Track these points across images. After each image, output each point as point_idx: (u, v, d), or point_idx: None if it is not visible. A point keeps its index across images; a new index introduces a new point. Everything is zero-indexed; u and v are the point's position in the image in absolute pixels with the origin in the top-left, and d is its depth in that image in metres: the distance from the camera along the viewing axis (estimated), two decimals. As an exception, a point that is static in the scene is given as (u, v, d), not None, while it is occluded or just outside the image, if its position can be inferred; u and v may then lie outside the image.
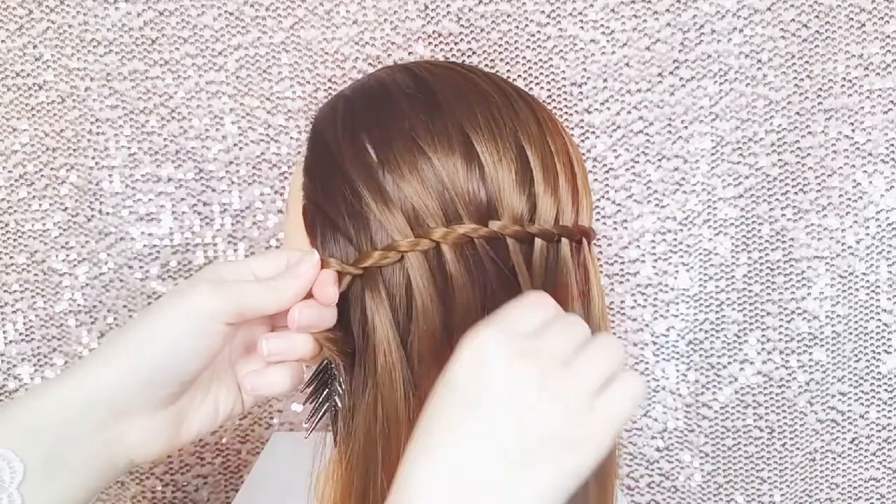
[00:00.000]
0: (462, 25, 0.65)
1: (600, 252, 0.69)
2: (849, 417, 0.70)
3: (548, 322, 0.35)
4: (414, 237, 0.41)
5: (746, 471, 0.70)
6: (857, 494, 0.71)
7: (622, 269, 0.69)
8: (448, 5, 0.64)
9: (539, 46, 0.65)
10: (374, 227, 0.41)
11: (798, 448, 0.70)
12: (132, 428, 0.39)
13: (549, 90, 0.66)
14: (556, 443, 0.32)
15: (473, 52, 0.65)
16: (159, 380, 0.38)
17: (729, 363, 0.69)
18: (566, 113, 0.67)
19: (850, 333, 0.69)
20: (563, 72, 0.66)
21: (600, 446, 0.32)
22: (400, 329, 0.42)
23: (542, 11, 0.65)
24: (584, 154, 0.67)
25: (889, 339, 0.69)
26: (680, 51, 0.65)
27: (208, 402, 0.43)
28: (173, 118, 0.66)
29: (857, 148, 0.67)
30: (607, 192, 0.68)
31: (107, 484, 0.39)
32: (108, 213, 0.66)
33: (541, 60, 0.66)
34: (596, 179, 0.68)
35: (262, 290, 0.40)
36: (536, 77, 0.66)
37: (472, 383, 0.33)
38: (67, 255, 0.67)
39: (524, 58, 0.66)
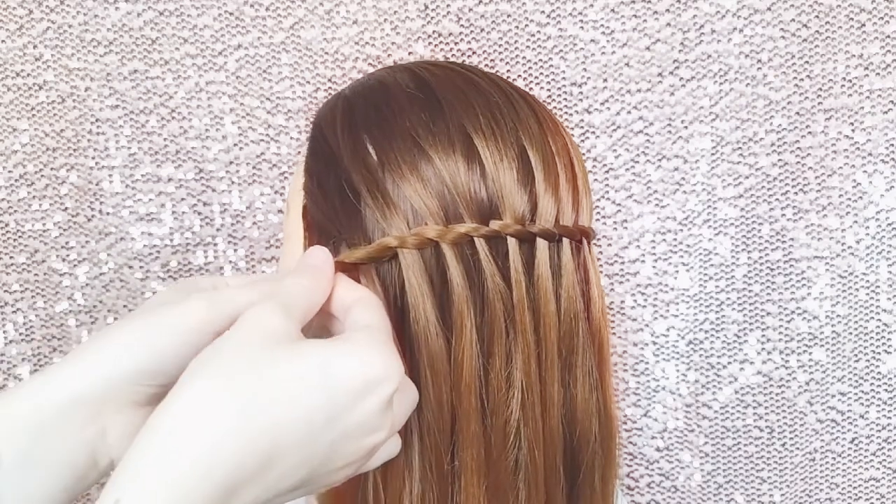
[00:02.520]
0: (462, 25, 0.65)
1: (600, 252, 0.69)
2: (849, 417, 0.70)
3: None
4: (409, 236, 0.41)
5: (746, 471, 0.70)
6: (857, 494, 0.71)
7: (622, 269, 0.69)
8: (448, 5, 0.64)
9: (539, 46, 0.65)
10: (372, 226, 0.41)
11: (798, 448, 0.70)
12: (111, 426, 0.38)
13: (549, 90, 0.66)
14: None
15: (473, 52, 0.65)
16: (142, 380, 0.38)
17: (729, 363, 0.69)
18: (566, 113, 0.67)
19: (850, 333, 0.69)
20: (563, 72, 0.66)
21: None
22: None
23: (542, 11, 0.65)
24: (584, 154, 0.67)
25: (889, 339, 0.69)
26: (680, 51, 0.65)
27: None
28: (173, 118, 0.66)
29: (857, 148, 0.67)
30: (607, 192, 0.68)
31: (89, 485, 0.39)
32: (108, 213, 0.66)
33: (541, 60, 0.66)
34: (596, 179, 0.68)
35: (254, 297, 0.39)
36: (536, 77, 0.66)
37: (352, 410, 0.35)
38: (67, 255, 0.67)
39: (524, 58, 0.66)
